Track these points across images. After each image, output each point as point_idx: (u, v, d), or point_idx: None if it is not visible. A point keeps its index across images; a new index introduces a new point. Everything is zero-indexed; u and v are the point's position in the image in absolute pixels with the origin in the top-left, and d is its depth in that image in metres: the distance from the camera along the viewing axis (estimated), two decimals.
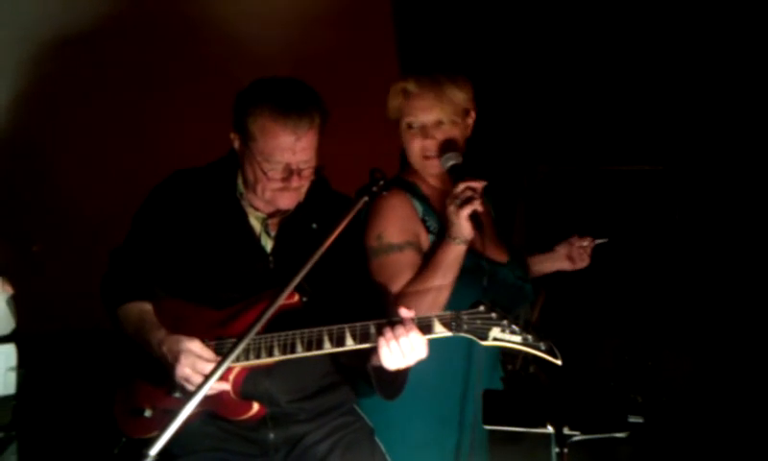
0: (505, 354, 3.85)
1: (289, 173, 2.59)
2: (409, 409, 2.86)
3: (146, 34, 4.08)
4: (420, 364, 2.74)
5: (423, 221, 2.90)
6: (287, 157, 2.57)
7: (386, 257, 2.82)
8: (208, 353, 2.44)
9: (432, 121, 2.88)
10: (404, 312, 2.39)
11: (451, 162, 2.82)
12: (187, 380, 2.42)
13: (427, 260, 2.80)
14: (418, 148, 2.90)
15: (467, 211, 2.65)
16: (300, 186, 2.63)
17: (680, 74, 4.47)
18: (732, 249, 4.31)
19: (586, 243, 3.17)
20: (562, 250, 3.22)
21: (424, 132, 2.88)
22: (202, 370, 2.40)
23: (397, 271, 2.81)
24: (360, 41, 4.33)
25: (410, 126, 2.90)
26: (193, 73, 4.10)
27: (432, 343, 2.67)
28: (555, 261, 3.24)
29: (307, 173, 2.62)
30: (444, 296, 2.72)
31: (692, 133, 4.47)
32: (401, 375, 2.50)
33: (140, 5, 4.13)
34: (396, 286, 2.78)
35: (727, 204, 4.37)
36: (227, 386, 2.51)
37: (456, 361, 2.94)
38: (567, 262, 3.23)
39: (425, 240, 2.88)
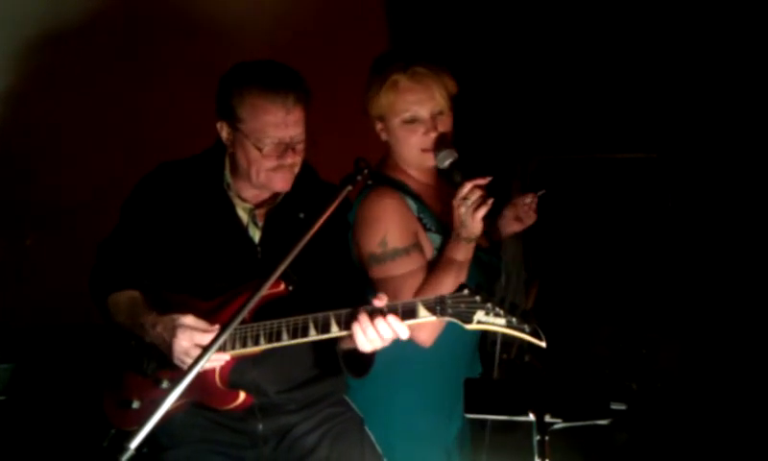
0: (501, 344, 3.86)
1: (283, 149, 2.59)
2: (414, 399, 2.87)
3: (133, 29, 4.07)
4: (428, 355, 2.76)
5: (419, 219, 2.85)
6: (280, 132, 2.57)
7: (393, 263, 2.75)
8: (203, 324, 2.43)
9: (432, 112, 2.81)
10: (376, 301, 2.36)
11: (449, 160, 2.75)
12: (186, 354, 2.39)
13: (437, 261, 2.76)
14: (416, 142, 2.83)
15: (482, 214, 2.62)
16: (294, 164, 2.63)
17: (672, 61, 4.46)
18: (726, 236, 4.29)
19: (529, 200, 3.06)
20: (508, 212, 3.11)
21: (425, 124, 2.81)
22: (200, 341, 2.39)
23: (408, 275, 2.75)
24: (353, 36, 4.32)
25: (408, 121, 2.82)
26: (182, 69, 4.09)
27: (443, 334, 2.69)
28: (506, 226, 3.14)
29: (300, 148, 2.62)
30: None
31: (685, 120, 4.46)
32: (371, 354, 2.47)
33: (128, 1, 4.13)
34: (408, 291, 2.71)
35: (720, 191, 4.36)
36: (226, 356, 2.49)
37: (463, 351, 2.96)
38: (517, 223, 3.11)
39: (424, 238, 2.84)
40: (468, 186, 2.65)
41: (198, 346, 2.38)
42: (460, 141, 2.90)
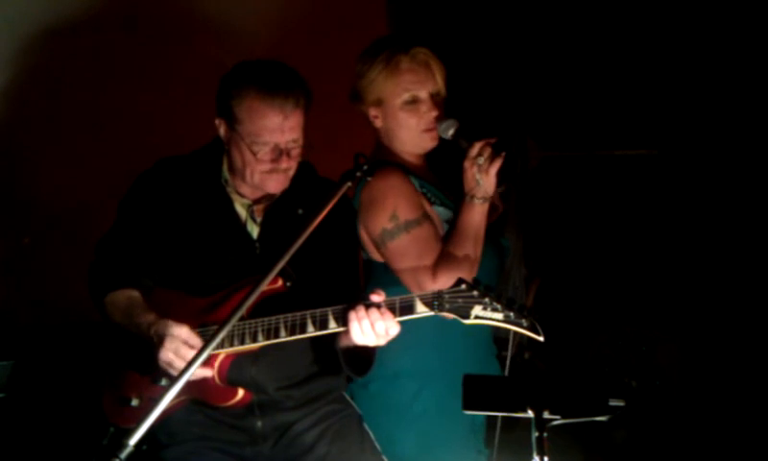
0: (499, 341, 3.86)
1: (278, 154, 2.58)
2: (446, 389, 2.87)
3: (136, 26, 4.07)
4: (457, 342, 2.81)
5: (423, 194, 2.90)
6: (276, 137, 2.56)
7: (407, 235, 2.79)
8: (195, 340, 2.41)
9: (432, 92, 2.89)
10: (374, 297, 2.37)
11: (452, 130, 2.84)
12: (170, 365, 2.40)
13: (454, 229, 2.81)
14: (416, 123, 2.90)
15: (495, 168, 2.70)
16: (289, 168, 2.62)
17: (673, 58, 4.45)
18: (727, 233, 4.28)
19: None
20: None
21: (426, 104, 2.88)
22: (184, 355, 2.37)
23: (424, 245, 2.79)
24: (354, 36, 4.31)
25: (409, 101, 2.88)
26: (183, 65, 4.09)
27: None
28: None
29: (296, 153, 2.61)
30: (478, 260, 2.75)
31: (687, 117, 4.45)
32: (371, 350, 2.49)
33: None
34: (427, 261, 2.76)
35: (721, 188, 4.35)
36: (210, 372, 2.49)
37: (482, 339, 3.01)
38: None
39: (431, 212, 2.89)
40: (477, 146, 2.74)
41: (182, 359, 2.36)
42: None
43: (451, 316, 2.33)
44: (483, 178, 2.71)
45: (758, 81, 4.26)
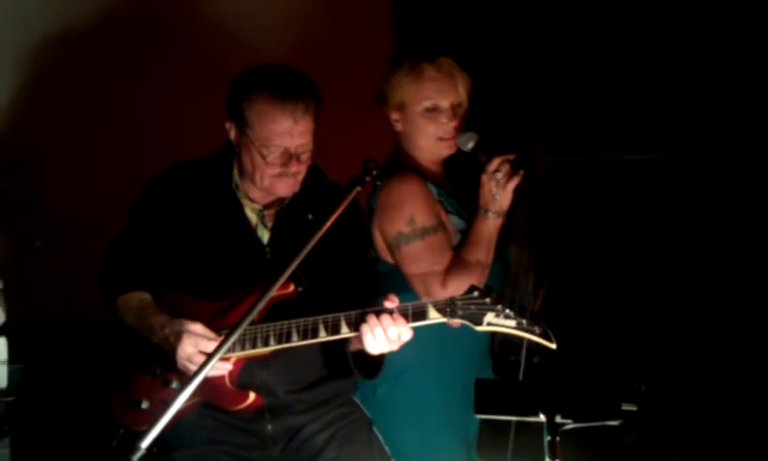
0: (507, 343, 3.86)
1: (288, 158, 2.58)
2: (442, 397, 2.92)
3: (141, 29, 4.08)
4: (454, 350, 2.85)
5: (440, 202, 2.93)
6: (285, 141, 2.56)
7: (422, 242, 2.83)
8: (211, 333, 2.44)
9: (453, 103, 2.93)
10: (388, 304, 2.37)
11: (472, 143, 2.86)
12: (190, 360, 2.40)
13: (466, 240, 2.84)
14: (434, 131, 2.93)
15: (514, 184, 2.73)
16: (299, 172, 2.63)
17: (681, 62, 4.44)
18: (735, 237, 4.28)
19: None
20: None
21: (446, 114, 2.92)
22: (205, 348, 2.39)
23: (437, 253, 2.82)
24: (359, 39, 4.33)
25: (430, 109, 2.92)
26: (189, 68, 4.10)
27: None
28: None
29: (305, 157, 2.61)
30: (487, 270, 2.80)
31: (694, 121, 4.44)
32: (381, 355, 2.48)
33: (136, 1, 4.14)
34: (438, 269, 2.80)
35: (729, 192, 4.34)
36: (229, 365, 2.50)
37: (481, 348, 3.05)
38: None
39: (447, 221, 2.92)
40: (496, 161, 2.76)
41: (202, 353, 2.39)
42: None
43: (464, 322, 2.33)
44: (500, 193, 2.74)
45: (766, 85, 4.26)
